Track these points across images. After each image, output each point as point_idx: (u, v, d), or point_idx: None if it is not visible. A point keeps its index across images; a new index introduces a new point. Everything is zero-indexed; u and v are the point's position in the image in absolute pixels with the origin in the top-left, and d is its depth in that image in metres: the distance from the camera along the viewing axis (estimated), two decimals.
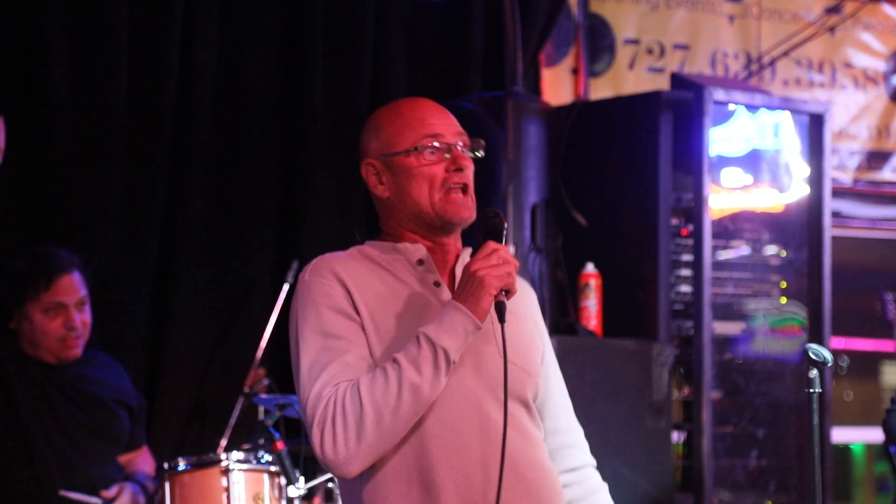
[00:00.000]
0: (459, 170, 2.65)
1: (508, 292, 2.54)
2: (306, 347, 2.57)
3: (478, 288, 2.51)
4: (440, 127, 2.67)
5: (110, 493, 4.37)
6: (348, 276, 2.62)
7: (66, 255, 4.48)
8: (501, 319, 2.54)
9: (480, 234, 2.60)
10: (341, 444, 2.48)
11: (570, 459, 2.80)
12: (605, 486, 2.85)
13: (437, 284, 2.66)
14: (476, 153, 2.70)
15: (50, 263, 4.44)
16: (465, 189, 2.66)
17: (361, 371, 2.53)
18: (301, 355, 2.57)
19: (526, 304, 2.78)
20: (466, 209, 2.66)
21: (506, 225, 2.60)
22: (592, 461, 2.85)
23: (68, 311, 4.41)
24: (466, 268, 2.54)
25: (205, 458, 4.31)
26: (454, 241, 2.73)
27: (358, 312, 2.58)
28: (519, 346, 2.64)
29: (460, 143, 2.67)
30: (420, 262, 2.67)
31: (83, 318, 4.45)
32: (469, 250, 2.72)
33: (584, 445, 2.85)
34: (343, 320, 2.58)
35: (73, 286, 4.44)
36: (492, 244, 2.55)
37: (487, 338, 2.60)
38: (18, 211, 5.16)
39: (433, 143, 2.65)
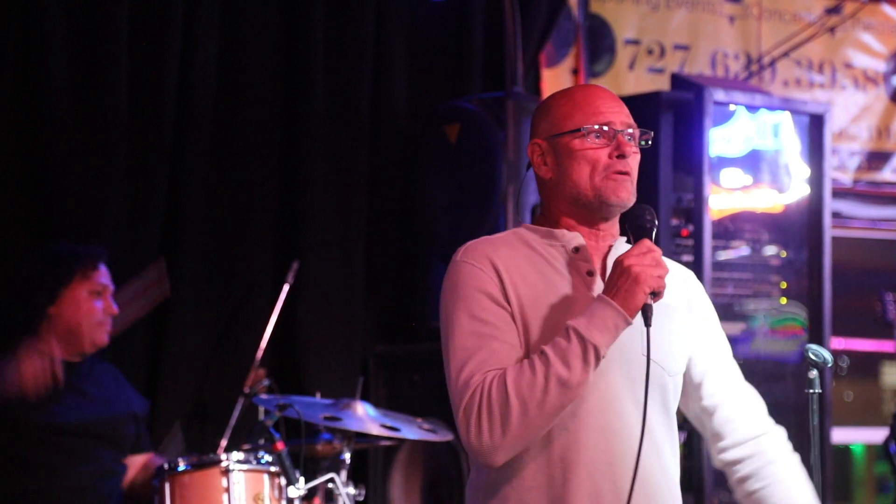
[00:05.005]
0: (622, 156, 2.65)
1: (656, 295, 2.54)
2: (456, 330, 2.59)
3: (632, 284, 2.51)
4: (609, 115, 2.67)
5: None
6: (502, 264, 2.63)
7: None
8: (647, 323, 2.54)
9: (631, 230, 2.62)
10: (486, 433, 2.49)
11: (735, 433, 2.78)
12: (780, 456, 2.79)
13: (590, 274, 2.66)
14: (643, 143, 2.70)
15: (93, 249, 4.53)
16: (625, 174, 2.66)
17: (509, 359, 2.55)
18: (451, 337, 2.59)
19: (681, 291, 2.77)
20: (625, 190, 2.66)
21: (657, 223, 2.62)
22: (764, 430, 2.80)
23: (108, 298, 4.47)
24: (619, 262, 2.54)
25: (205, 459, 4.30)
26: (611, 227, 2.72)
27: (509, 302, 2.60)
28: (665, 343, 2.64)
29: (627, 132, 2.67)
30: (576, 249, 2.68)
31: (112, 310, 4.50)
32: (623, 240, 2.72)
33: (752, 415, 2.80)
34: (494, 307, 2.59)
35: (109, 275, 4.51)
36: (648, 243, 2.57)
37: (632, 334, 2.59)
38: (20, 210, 5.16)
39: (599, 128, 2.65)
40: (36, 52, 5.15)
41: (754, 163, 5.83)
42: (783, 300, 5.82)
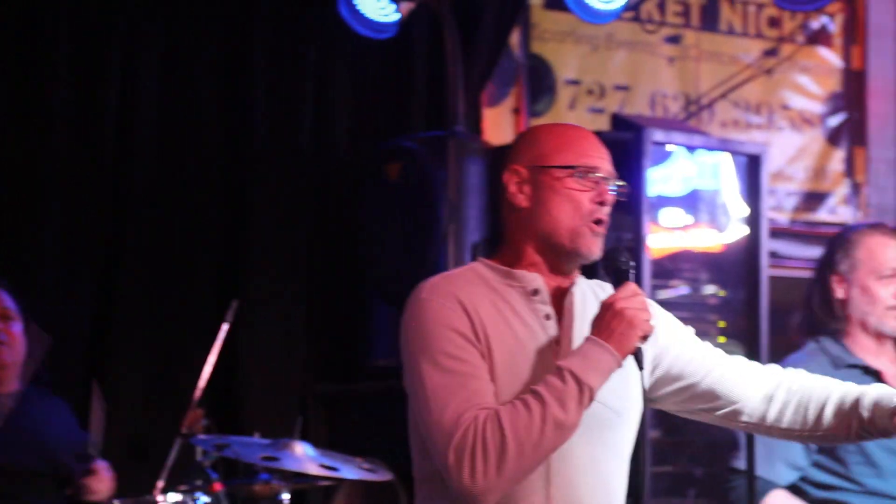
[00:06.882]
0: (603, 204, 2.65)
1: (646, 339, 2.55)
2: (429, 369, 2.53)
3: (627, 328, 2.51)
4: (599, 161, 2.67)
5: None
6: (468, 302, 2.58)
7: None
8: (641, 367, 2.55)
9: (610, 273, 2.62)
10: (480, 474, 2.45)
11: (753, 384, 2.81)
12: (805, 377, 2.83)
13: (547, 317, 2.64)
14: (620, 196, 2.70)
15: None
16: (600, 224, 2.66)
17: (489, 397, 2.51)
18: (424, 376, 2.53)
19: None
20: (597, 247, 2.65)
21: (633, 266, 2.62)
22: (775, 379, 2.83)
23: None
24: (609, 305, 2.54)
25: (141, 500, 4.26)
26: (572, 271, 2.70)
27: (479, 340, 2.56)
28: (613, 384, 2.59)
29: (612, 182, 2.68)
30: (535, 291, 2.65)
31: (8, 329, 4.39)
32: (581, 278, 2.72)
33: (765, 370, 2.84)
34: (466, 344, 2.54)
35: (4, 300, 4.40)
36: (634, 286, 2.57)
37: None
38: None
39: (590, 171, 2.65)
40: None
41: (693, 202, 5.87)
42: (721, 339, 5.84)
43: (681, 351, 2.78)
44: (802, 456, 4.00)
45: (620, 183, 2.69)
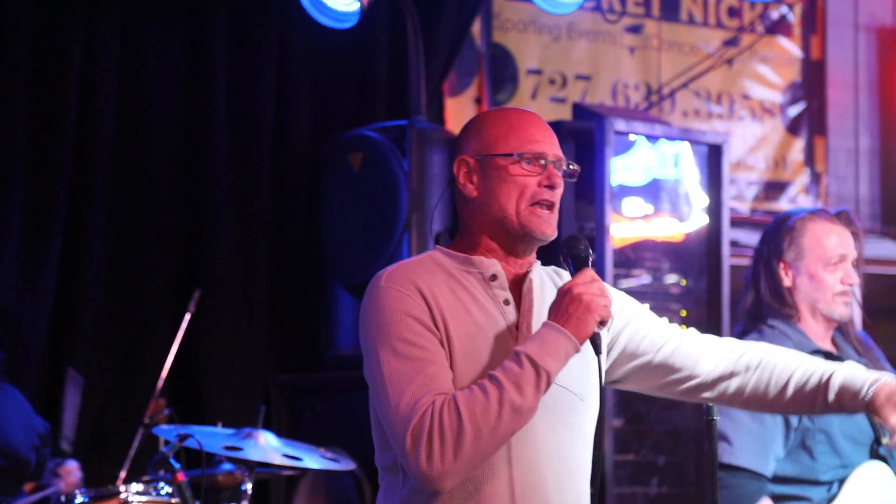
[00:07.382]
0: (551, 187, 2.66)
1: (603, 324, 2.55)
2: (386, 356, 2.53)
3: (584, 312, 2.52)
4: (544, 145, 2.67)
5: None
6: (427, 290, 2.59)
7: None
8: (598, 351, 2.55)
9: (567, 261, 2.63)
10: (437, 458, 2.45)
11: (720, 364, 2.81)
12: (765, 350, 2.83)
13: (506, 303, 2.65)
14: (570, 177, 2.71)
15: None
16: (550, 207, 2.67)
17: (447, 383, 2.51)
18: (382, 362, 2.54)
19: None
20: (549, 226, 2.66)
21: (592, 255, 2.63)
22: (738, 348, 2.83)
23: None
24: (567, 290, 2.55)
25: (103, 490, 4.24)
26: (528, 255, 2.71)
27: (437, 327, 2.56)
28: (575, 368, 2.61)
29: (559, 164, 2.68)
30: (493, 277, 2.66)
31: None
32: (538, 264, 2.72)
33: (726, 343, 2.84)
34: (424, 331, 2.55)
35: None
36: (591, 272, 2.58)
37: None
38: None
39: (533, 157, 2.65)
40: None
41: (655, 192, 5.90)
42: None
43: (636, 328, 2.80)
44: (782, 448, 4.01)
45: (570, 165, 2.71)
